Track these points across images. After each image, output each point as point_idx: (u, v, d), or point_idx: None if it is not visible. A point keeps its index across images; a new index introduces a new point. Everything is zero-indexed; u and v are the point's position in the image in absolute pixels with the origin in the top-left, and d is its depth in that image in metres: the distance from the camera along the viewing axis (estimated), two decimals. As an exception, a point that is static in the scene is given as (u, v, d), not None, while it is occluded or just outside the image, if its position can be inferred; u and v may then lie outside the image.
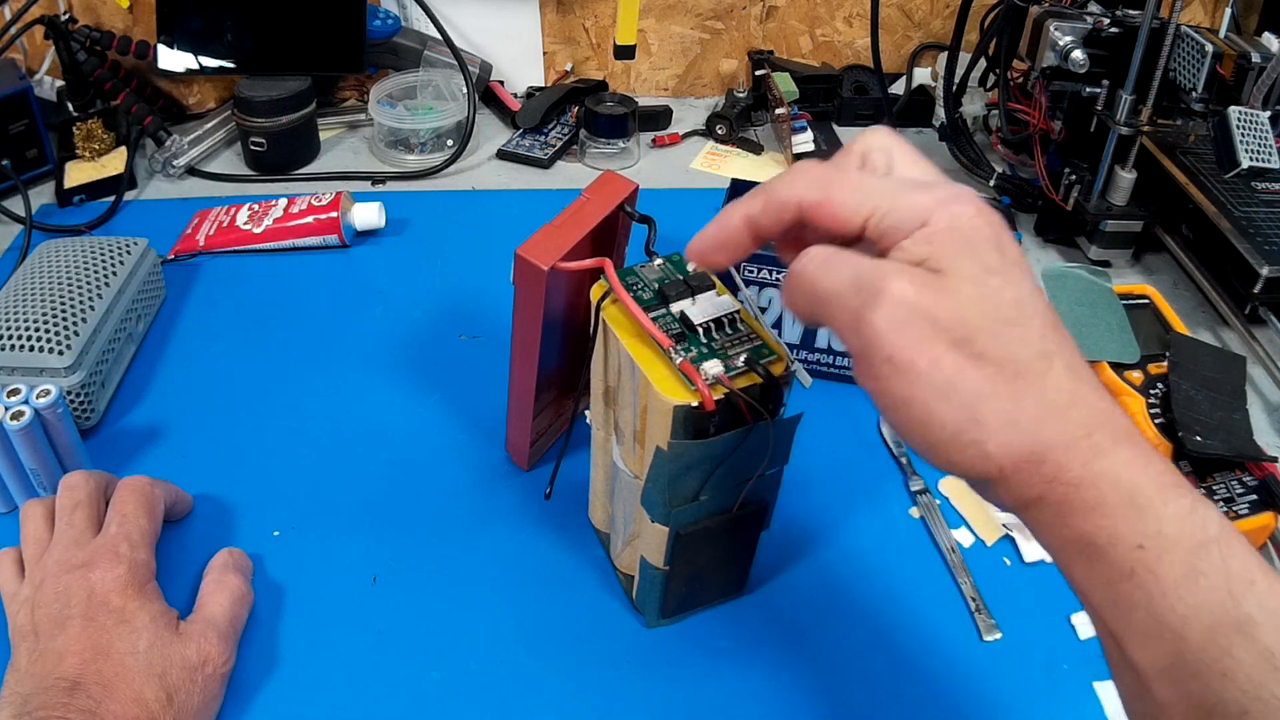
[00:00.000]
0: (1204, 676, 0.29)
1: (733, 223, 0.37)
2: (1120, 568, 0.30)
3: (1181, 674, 0.30)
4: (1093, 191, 0.81)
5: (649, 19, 1.04)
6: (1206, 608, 0.29)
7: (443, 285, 0.78)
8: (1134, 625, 0.31)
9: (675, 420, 0.42)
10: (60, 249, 0.69)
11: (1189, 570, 0.30)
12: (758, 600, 0.55)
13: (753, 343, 0.45)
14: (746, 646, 0.53)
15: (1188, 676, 0.30)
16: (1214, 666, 0.29)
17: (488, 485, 0.61)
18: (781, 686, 0.51)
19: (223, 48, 0.93)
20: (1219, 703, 0.29)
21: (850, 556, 0.58)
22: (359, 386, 0.68)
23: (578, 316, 0.55)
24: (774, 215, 0.36)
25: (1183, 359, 0.66)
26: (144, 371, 0.69)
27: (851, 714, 0.50)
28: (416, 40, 0.99)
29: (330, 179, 0.92)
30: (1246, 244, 0.73)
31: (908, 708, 0.50)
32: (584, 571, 0.56)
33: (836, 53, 1.08)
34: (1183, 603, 0.30)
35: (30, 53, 0.97)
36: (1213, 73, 0.73)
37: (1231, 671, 0.29)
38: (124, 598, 0.47)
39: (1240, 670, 0.29)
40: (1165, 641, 0.30)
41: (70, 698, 0.42)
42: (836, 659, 0.52)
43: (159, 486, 0.55)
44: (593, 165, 0.96)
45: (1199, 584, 0.30)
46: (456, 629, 0.53)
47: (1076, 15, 0.78)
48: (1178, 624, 0.30)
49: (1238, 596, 0.29)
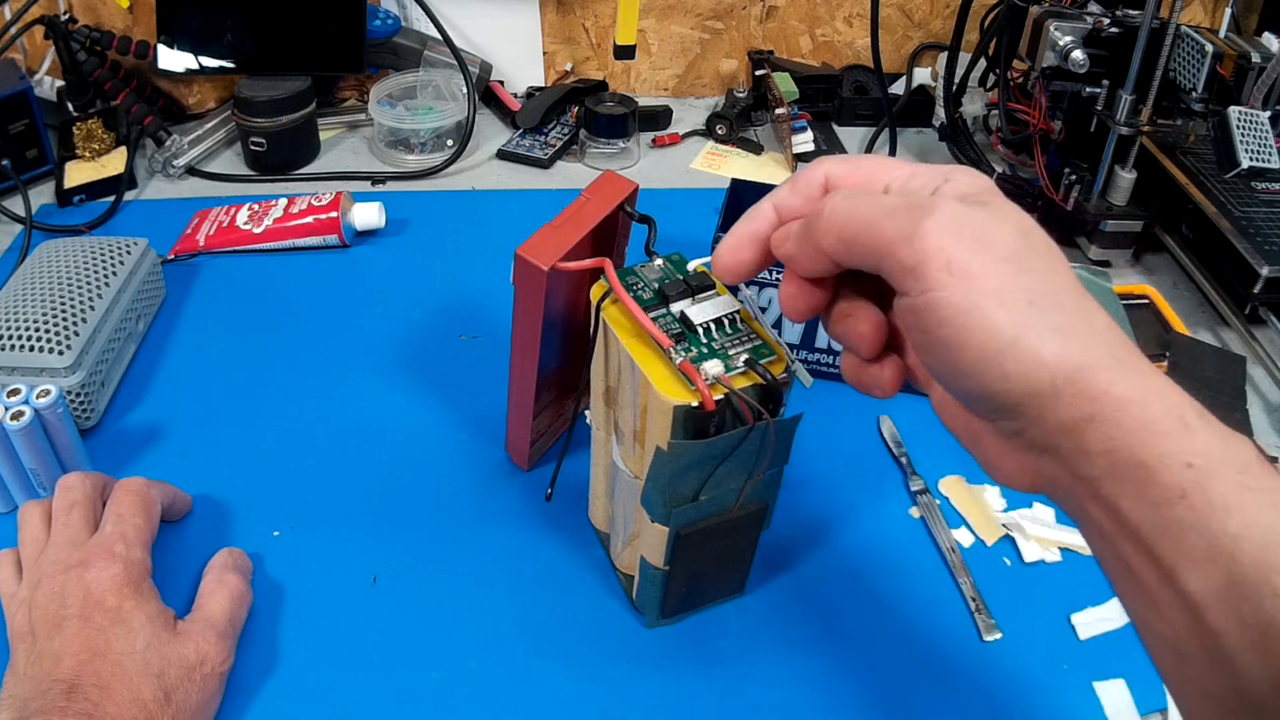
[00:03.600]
0: (1257, 597, 0.29)
1: (762, 214, 0.39)
2: (1172, 489, 0.30)
3: (1234, 596, 0.29)
4: (1093, 191, 0.81)
5: (649, 19, 1.04)
6: (1258, 525, 0.29)
7: (443, 285, 0.78)
8: (1186, 549, 0.30)
9: (675, 420, 0.42)
10: (60, 249, 0.69)
11: (1238, 488, 0.30)
12: (758, 600, 0.55)
13: (753, 343, 0.45)
14: (746, 646, 0.53)
15: (1240, 599, 0.29)
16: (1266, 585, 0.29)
17: (488, 485, 0.61)
18: (781, 687, 0.51)
19: (223, 48, 0.93)
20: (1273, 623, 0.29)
21: (850, 556, 0.58)
22: (359, 386, 0.68)
23: (578, 316, 0.55)
24: (804, 193, 0.38)
25: (1183, 359, 0.66)
26: (144, 371, 0.69)
27: (852, 714, 0.50)
28: (416, 40, 0.99)
29: (330, 179, 0.92)
30: (1246, 244, 0.73)
31: (907, 707, 0.50)
32: (584, 571, 0.56)
33: (836, 53, 1.08)
34: (1234, 521, 0.29)
35: (30, 53, 0.97)
36: (1213, 73, 0.73)
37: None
38: (120, 597, 0.47)
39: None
40: (1218, 564, 0.30)
41: (69, 700, 0.42)
42: (836, 659, 0.52)
43: (156, 487, 0.55)
44: (593, 165, 0.96)
45: (1249, 501, 0.30)
46: (456, 629, 0.53)
47: (1076, 15, 0.78)
48: (1230, 544, 0.29)
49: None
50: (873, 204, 0.35)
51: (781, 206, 0.39)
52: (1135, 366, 0.32)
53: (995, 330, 0.32)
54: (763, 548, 0.52)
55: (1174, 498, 0.30)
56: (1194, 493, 0.30)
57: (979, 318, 0.32)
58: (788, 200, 0.38)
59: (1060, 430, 0.32)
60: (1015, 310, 0.32)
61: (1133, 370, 0.32)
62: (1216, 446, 0.31)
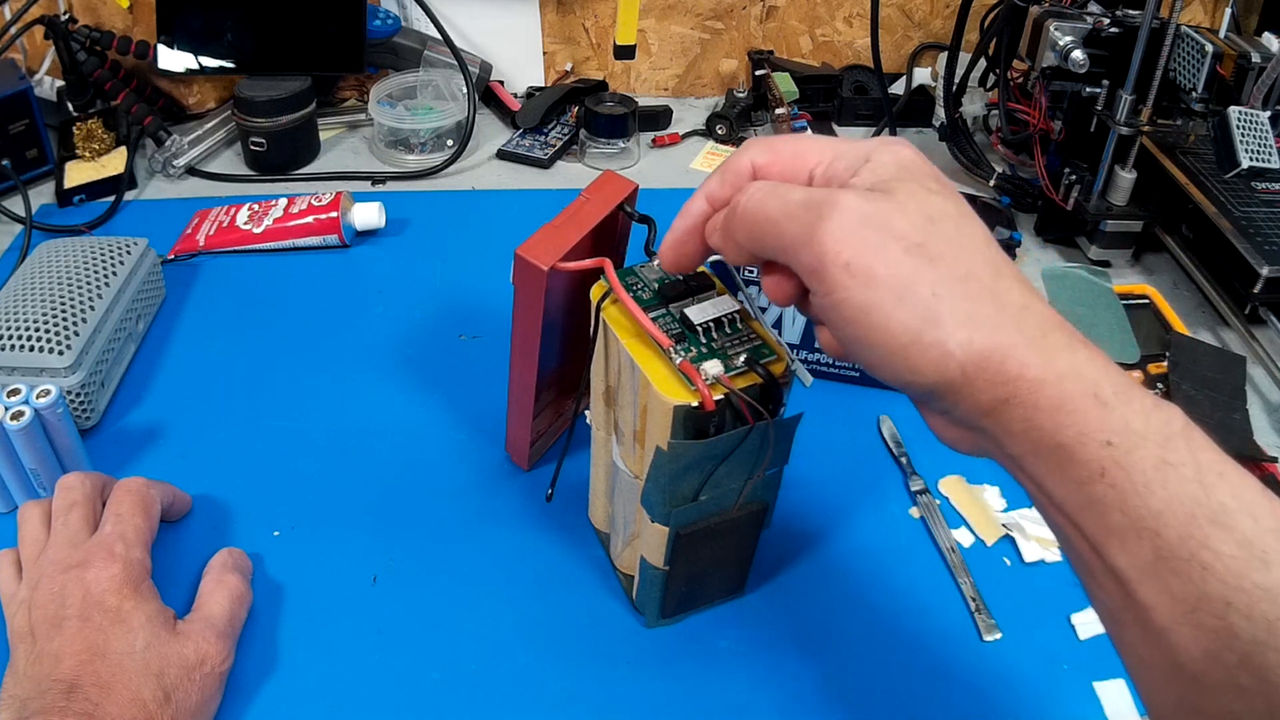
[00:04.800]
0: (1184, 572, 0.29)
1: (695, 207, 0.39)
2: (1091, 467, 0.30)
3: (1162, 571, 0.29)
4: (1093, 191, 0.81)
5: (649, 19, 1.04)
6: (1180, 500, 0.29)
7: (443, 285, 0.78)
8: (1111, 527, 0.30)
9: (675, 420, 0.42)
10: (60, 249, 0.69)
11: (1159, 464, 0.30)
12: (758, 600, 0.55)
13: (753, 343, 0.45)
14: (746, 646, 0.53)
15: (1168, 573, 0.29)
16: (1194, 560, 0.29)
17: (488, 485, 0.61)
18: (781, 687, 0.51)
19: (223, 48, 0.93)
20: (1202, 597, 0.29)
21: (850, 556, 0.58)
22: (359, 386, 0.68)
23: (578, 316, 0.55)
24: (731, 183, 0.38)
25: (1183, 359, 0.66)
26: (144, 371, 0.69)
27: (852, 714, 0.50)
28: (416, 40, 0.99)
29: (330, 179, 0.92)
30: (1246, 244, 0.73)
31: (908, 708, 0.50)
32: (584, 571, 0.56)
33: (836, 53, 1.08)
34: (1156, 497, 0.29)
35: (30, 53, 0.97)
36: (1213, 73, 0.73)
37: (1211, 564, 0.29)
38: (119, 597, 0.47)
39: (1219, 562, 0.29)
40: (1143, 540, 0.30)
41: (68, 700, 0.42)
42: (836, 659, 0.52)
43: (155, 487, 0.55)
44: (593, 165, 0.96)
45: (1170, 477, 0.29)
46: (456, 629, 0.53)
47: (1076, 15, 0.78)
48: (1153, 520, 0.29)
49: (1210, 487, 0.29)
50: (777, 202, 0.34)
51: (712, 196, 0.39)
52: (1049, 344, 0.32)
53: (897, 329, 0.32)
54: (763, 548, 0.52)
55: (1094, 475, 0.30)
56: (1113, 471, 0.30)
57: (880, 318, 0.32)
58: (717, 191, 0.39)
59: (979, 413, 0.32)
60: (917, 305, 0.31)
61: (1046, 349, 0.31)
62: (1137, 422, 0.30)
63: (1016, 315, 0.32)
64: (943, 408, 0.34)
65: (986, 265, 0.33)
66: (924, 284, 0.32)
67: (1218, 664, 0.29)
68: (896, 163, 0.34)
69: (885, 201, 0.33)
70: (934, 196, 0.34)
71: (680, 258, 0.41)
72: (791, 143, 0.38)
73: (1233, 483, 0.30)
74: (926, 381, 0.32)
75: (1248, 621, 0.28)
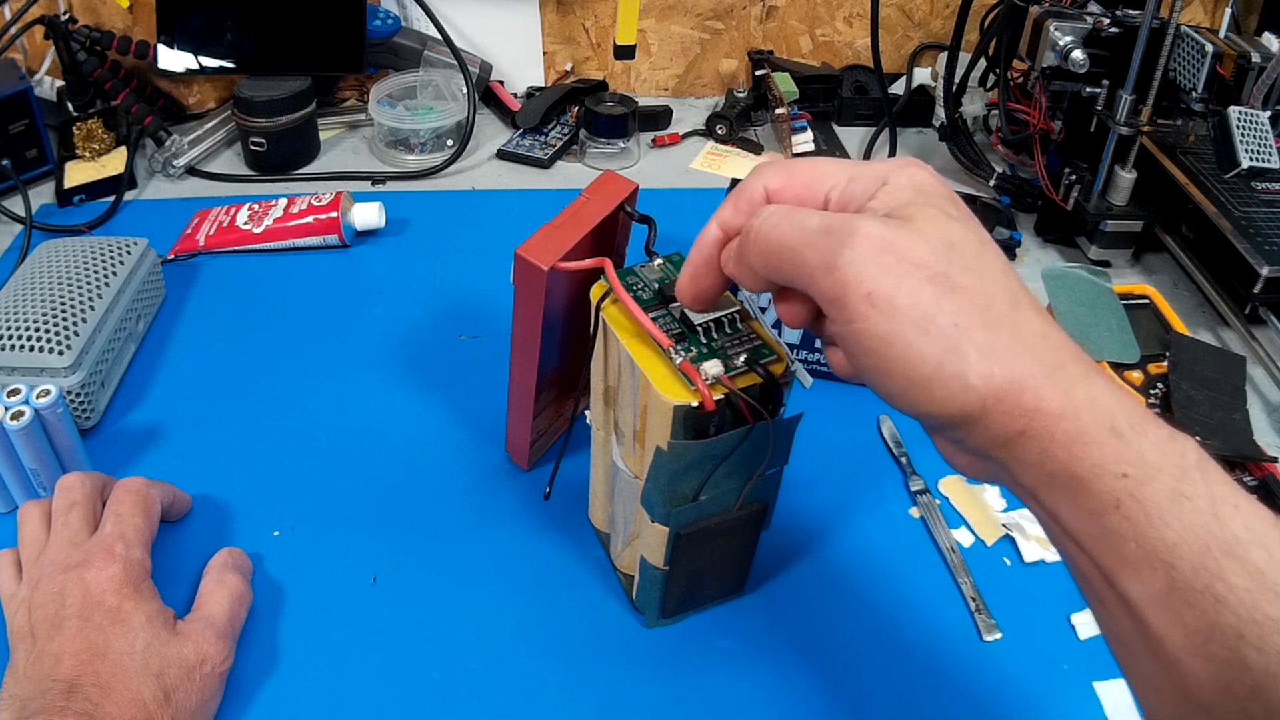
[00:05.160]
0: (1198, 603, 0.29)
1: (709, 235, 0.39)
2: (1106, 498, 0.30)
3: (1175, 602, 0.29)
4: (1093, 191, 0.81)
5: (649, 19, 1.04)
6: (1195, 532, 0.29)
7: (443, 285, 0.78)
8: (1125, 557, 0.30)
9: (675, 420, 0.42)
10: (60, 249, 0.69)
11: (1174, 495, 0.30)
12: (758, 600, 0.55)
13: (753, 343, 0.44)
14: (746, 646, 0.53)
15: (1181, 605, 0.29)
16: (1207, 591, 0.29)
17: (488, 485, 0.61)
18: (781, 687, 0.51)
19: (223, 48, 0.93)
20: (1214, 627, 0.29)
21: (850, 556, 0.58)
22: (359, 386, 0.68)
23: (578, 316, 0.55)
24: (745, 210, 0.37)
25: (1183, 359, 0.66)
26: (144, 371, 0.69)
27: (852, 714, 0.50)
28: (416, 40, 0.99)
29: (330, 179, 0.92)
30: (1246, 244, 0.73)
31: (908, 708, 0.50)
32: (584, 571, 0.56)
33: (836, 53, 1.08)
34: (1171, 529, 0.29)
35: (30, 53, 0.97)
36: (1213, 73, 0.73)
37: (1224, 595, 0.29)
38: (119, 597, 0.47)
39: (1233, 594, 0.29)
40: (1157, 571, 0.30)
41: (68, 700, 0.42)
42: (836, 659, 0.52)
43: (155, 487, 0.55)
44: (593, 165, 0.96)
45: (1185, 509, 0.29)
46: (456, 629, 0.53)
47: (1076, 15, 0.78)
48: (1167, 551, 0.29)
49: (1224, 519, 0.29)
50: (794, 229, 0.34)
51: (725, 223, 0.38)
52: (1066, 376, 0.32)
53: (919, 360, 0.31)
54: (763, 548, 0.52)
55: (1109, 507, 0.30)
56: (1128, 503, 0.30)
57: (901, 349, 0.32)
58: (730, 218, 0.38)
59: (994, 444, 0.32)
60: (939, 337, 0.31)
61: (1063, 381, 0.31)
62: (1152, 454, 0.30)
63: (1035, 345, 0.32)
64: (956, 436, 0.33)
65: (1005, 294, 0.33)
66: (945, 314, 0.31)
67: (1229, 695, 0.29)
68: (914, 186, 0.34)
69: (905, 228, 0.32)
70: (954, 223, 0.33)
71: (700, 292, 0.40)
72: (806, 165, 0.37)
73: (1246, 515, 0.30)
74: (945, 413, 0.32)
75: (1259, 653, 0.28)
